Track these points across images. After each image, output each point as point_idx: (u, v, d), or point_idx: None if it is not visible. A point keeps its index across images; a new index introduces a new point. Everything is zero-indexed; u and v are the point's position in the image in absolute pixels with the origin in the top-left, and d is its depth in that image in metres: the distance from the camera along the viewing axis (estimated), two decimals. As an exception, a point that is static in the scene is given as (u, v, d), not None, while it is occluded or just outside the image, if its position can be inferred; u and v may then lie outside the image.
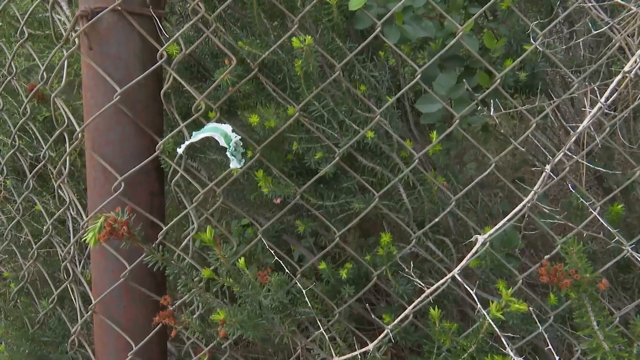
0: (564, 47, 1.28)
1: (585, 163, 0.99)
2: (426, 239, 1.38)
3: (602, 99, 0.84)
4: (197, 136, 1.09)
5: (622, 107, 1.27)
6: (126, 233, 0.90)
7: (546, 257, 1.06)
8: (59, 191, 1.40)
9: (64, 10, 1.50)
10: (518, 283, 1.21)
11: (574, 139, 0.86)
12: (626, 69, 1.01)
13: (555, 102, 1.08)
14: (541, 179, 0.85)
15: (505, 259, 1.27)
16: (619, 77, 0.92)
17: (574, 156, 0.96)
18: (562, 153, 0.88)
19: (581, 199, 1.05)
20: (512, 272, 1.24)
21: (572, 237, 0.95)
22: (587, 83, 1.21)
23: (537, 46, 1.16)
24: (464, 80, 1.26)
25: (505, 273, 1.30)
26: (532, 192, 0.85)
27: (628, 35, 1.17)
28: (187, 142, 1.10)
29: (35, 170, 1.48)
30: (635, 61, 1.03)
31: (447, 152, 1.38)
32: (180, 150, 1.12)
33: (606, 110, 1.02)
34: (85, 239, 0.90)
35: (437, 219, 1.21)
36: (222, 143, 1.05)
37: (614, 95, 0.86)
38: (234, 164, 1.09)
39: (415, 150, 1.25)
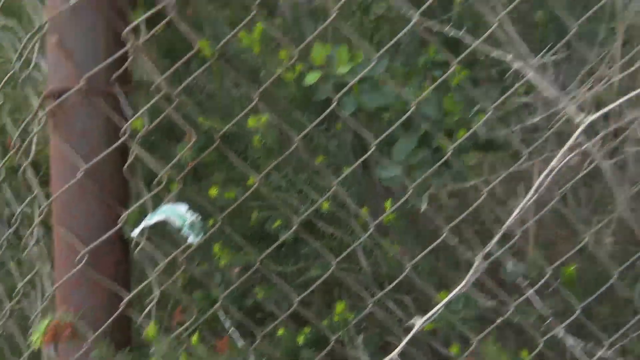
0: (519, 125, 1.32)
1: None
2: (386, 298, 1.41)
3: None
4: (153, 219, 1.13)
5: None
6: (69, 334, 0.94)
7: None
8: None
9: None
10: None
11: (504, 229, 0.90)
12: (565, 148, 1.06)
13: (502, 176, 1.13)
14: (473, 268, 0.89)
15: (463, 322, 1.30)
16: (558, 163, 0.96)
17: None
18: (496, 240, 0.92)
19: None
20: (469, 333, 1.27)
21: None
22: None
23: (488, 117, 1.20)
24: (421, 147, 1.30)
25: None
26: (465, 281, 0.89)
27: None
28: (140, 226, 1.14)
29: (8, 232, 1.52)
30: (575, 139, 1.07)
31: (406, 217, 1.41)
32: (134, 234, 1.15)
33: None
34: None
35: (390, 286, 1.25)
36: (177, 225, 1.10)
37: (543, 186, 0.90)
38: (191, 239, 1.13)
39: (377, 213, 1.29)
